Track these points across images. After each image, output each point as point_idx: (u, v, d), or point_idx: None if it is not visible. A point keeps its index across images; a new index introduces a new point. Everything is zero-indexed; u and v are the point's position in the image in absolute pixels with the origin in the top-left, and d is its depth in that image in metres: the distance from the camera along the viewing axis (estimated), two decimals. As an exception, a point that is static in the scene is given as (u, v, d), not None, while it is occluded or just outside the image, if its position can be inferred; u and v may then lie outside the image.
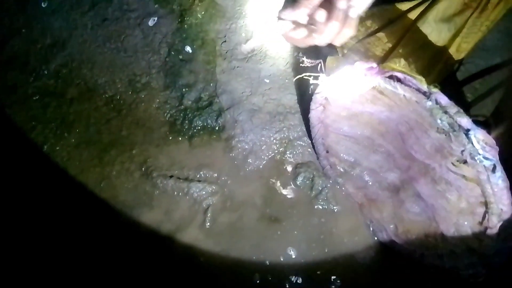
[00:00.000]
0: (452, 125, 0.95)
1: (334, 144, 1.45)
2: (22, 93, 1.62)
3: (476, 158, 0.93)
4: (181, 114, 1.60)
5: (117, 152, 1.53)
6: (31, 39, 1.68)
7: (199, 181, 1.50)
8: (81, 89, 1.63)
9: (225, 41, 1.68)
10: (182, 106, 1.61)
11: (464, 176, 1.03)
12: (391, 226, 1.43)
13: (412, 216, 1.33)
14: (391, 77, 1.03)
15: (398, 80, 1.02)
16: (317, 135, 1.46)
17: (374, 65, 1.05)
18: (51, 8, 1.69)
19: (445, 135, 0.99)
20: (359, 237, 1.49)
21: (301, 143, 1.59)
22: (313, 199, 1.52)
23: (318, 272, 1.38)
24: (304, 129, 1.60)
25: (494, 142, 0.92)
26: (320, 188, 1.53)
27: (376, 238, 1.47)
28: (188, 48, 1.65)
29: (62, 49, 1.65)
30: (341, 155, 1.46)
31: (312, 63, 1.45)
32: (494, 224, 1.01)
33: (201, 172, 1.52)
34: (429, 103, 0.96)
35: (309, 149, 1.59)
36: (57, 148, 1.53)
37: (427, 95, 0.97)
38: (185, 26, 1.66)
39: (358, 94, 1.16)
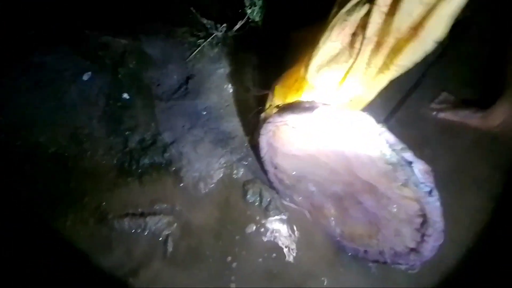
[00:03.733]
0: (399, 160, 1.14)
1: (282, 162, 1.59)
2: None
3: (418, 186, 1.14)
4: (128, 157, 1.68)
5: (68, 204, 1.55)
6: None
7: (154, 214, 1.56)
8: (21, 151, 1.64)
9: (159, 85, 1.83)
10: (127, 149, 1.69)
11: (405, 196, 1.24)
12: (337, 230, 1.60)
13: (355, 221, 1.51)
14: (345, 117, 1.17)
15: (351, 121, 1.16)
16: (266, 156, 1.60)
17: (329, 107, 1.19)
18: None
19: (392, 166, 1.17)
20: (313, 239, 1.63)
21: (245, 162, 1.74)
22: (264, 210, 1.65)
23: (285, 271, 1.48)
24: (245, 150, 1.76)
25: (430, 169, 1.14)
26: (269, 199, 1.67)
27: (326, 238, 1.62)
28: (125, 95, 1.77)
29: (3, 114, 1.68)
30: (289, 171, 1.61)
31: (260, 92, 1.62)
32: (430, 233, 1.24)
33: (155, 207, 1.59)
34: (379, 143, 1.14)
35: (252, 167, 1.74)
36: (5, 209, 1.51)
37: (377, 135, 1.14)
38: (119, 76, 1.80)
39: (310, 128, 1.30)
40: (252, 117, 1.65)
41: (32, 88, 1.72)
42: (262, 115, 1.55)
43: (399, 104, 1.92)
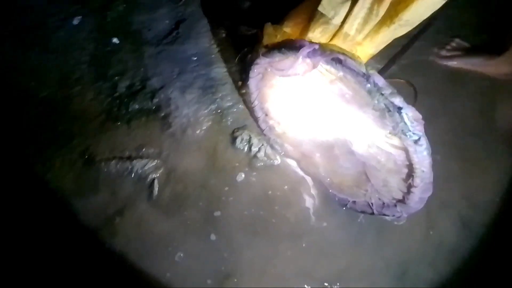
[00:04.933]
0: (387, 105, 1.06)
1: (272, 108, 1.54)
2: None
3: (406, 133, 1.06)
4: (117, 101, 1.67)
5: (57, 147, 1.57)
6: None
7: (141, 158, 1.56)
8: (12, 96, 1.65)
9: (149, 30, 1.78)
10: (117, 94, 1.68)
11: (393, 145, 1.17)
12: (327, 179, 1.54)
13: (345, 170, 1.45)
14: (333, 59, 1.09)
15: (339, 61, 1.08)
16: (255, 101, 1.55)
17: (316, 46, 1.11)
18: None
19: (380, 112, 1.09)
20: (302, 188, 1.59)
21: (235, 109, 1.69)
22: (253, 158, 1.61)
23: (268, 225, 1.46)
24: (236, 97, 1.70)
25: (421, 116, 1.06)
26: (258, 148, 1.62)
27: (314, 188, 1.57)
28: (115, 40, 1.73)
29: (-11, 60, 1.69)
30: (279, 117, 1.56)
31: (249, 31, 1.54)
32: (417, 183, 1.17)
33: (143, 150, 1.58)
34: (368, 85, 1.05)
35: (243, 115, 1.69)
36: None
37: (366, 77, 1.05)
38: (108, 20, 1.75)
39: (298, 73, 1.22)
40: (239, 59, 1.57)
41: (18, 33, 1.70)
42: (249, 56, 1.47)
43: (404, 50, 1.79)
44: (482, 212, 1.50)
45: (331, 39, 1.29)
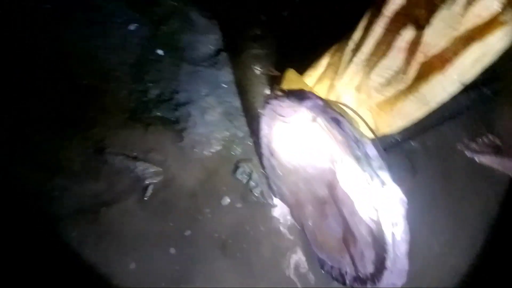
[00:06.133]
0: (373, 178, 1.04)
1: (278, 149, 1.57)
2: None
3: (387, 213, 1.04)
4: (143, 105, 1.80)
5: (79, 129, 1.71)
6: (30, 32, 1.94)
7: (145, 161, 1.64)
8: (63, 74, 1.84)
9: (193, 50, 1.92)
10: (146, 98, 1.81)
11: (373, 220, 1.14)
12: (313, 235, 1.52)
13: (331, 231, 1.42)
14: (332, 118, 1.11)
15: (337, 122, 1.10)
16: (264, 138, 1.60)
17: (320, 102, 1.14)
18: (51, 10, 1.98)
19: (366, 183, 1.07)
20: (284, 234, 1.58)
21: (246, 142, 1.75)
22: (248, 191, 1.63)
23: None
24: (250, 131, 1.76)
25: (406, 201, 1.03)
26: (256, 183, 1.65)
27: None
28: (159, 51, 1.89)
29: (54, 41, 1.90)
30: (283, 160, 1.58)
31: (273, 72, 1.63)
32: (389, 266, 1.11)
33: (150, 155, 1.67)
34: (358, 153, 1.06)
35: (252, 148, 1.74)
36: (30, 112, 1.71)
37: (358, 144, 1.06)
38: (160, 33, 1.92)
39: (299, 119, 1.26)
40: (264, 97, 1.65)
41: (85, 26, 1.93)
42: (266, 95, 1.54)
43: (430, 126, 1.75)
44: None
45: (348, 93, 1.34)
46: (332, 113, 1.11)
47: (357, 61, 1.36)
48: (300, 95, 1.19)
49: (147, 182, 1.61)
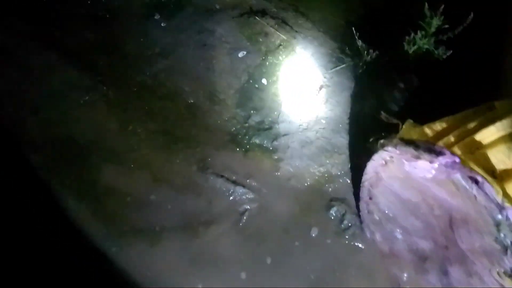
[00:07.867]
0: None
1: (379, 195, 1.56)
2: (125, 85, 1.99)
3: None
4: (244, 130, 1.87)
5: (183, 146, 1.80)
6: (144, 46, 2.09)
7: (243, 186, 1.70)
8: (170, 91, 1.97)
9: (295, 83, 1.98)
10: (247, 124, 1.88)
11: (503, 286, 1.11)
12: None
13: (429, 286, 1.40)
14: (470, 177, 1.09)
15: (476, 182, 1.08)
16: (366, 182, 1.58)
17: (457, 159, 1.12)
18: (167, 28, 2.13)
19: (502, 248, 1.06)
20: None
21: (341, 181, 1.76)
22: (341, 232, 1.64)
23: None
24: (346, 170, 1.78)
25: None
26: (350, 225, 1.65)
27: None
28: (264, 81, 1.97)
29: (165, 58, 2.04)
30: (382, 206, 1.56)
31: (389, 119, 1.63)
32: None
33: (248, 180, 1.73)
34: (499, 216, 1.04)
35: (345, 188, 1.74)
36: (138, 130, 1.84)
37: (500, 208, 1.04)
38: (267, 63, 2.00)
39: (425, 172, 1.23)
40: (372, 140, 1.65)
41: (198, 48, 2.05)
42: (382, 141, 1.54)
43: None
44: None
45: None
46: (472, 172, 1.10)
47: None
48: (432, 149, 1.19)
49: (244, 207, 1.66)
